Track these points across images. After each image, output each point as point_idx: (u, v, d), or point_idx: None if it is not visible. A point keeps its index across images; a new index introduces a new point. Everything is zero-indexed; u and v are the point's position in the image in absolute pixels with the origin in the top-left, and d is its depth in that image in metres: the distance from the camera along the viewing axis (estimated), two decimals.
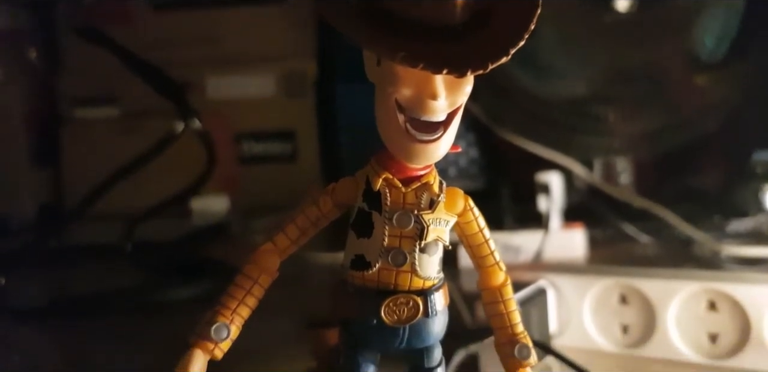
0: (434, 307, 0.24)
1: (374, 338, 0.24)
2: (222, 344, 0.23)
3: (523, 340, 0.26)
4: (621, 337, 0.52)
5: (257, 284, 0.24)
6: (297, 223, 0.25)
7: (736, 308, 0.48)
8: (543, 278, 0.53)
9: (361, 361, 0.24)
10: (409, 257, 0.23)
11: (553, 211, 0.75)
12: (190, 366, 0.22)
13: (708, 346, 0.49)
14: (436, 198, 0.24)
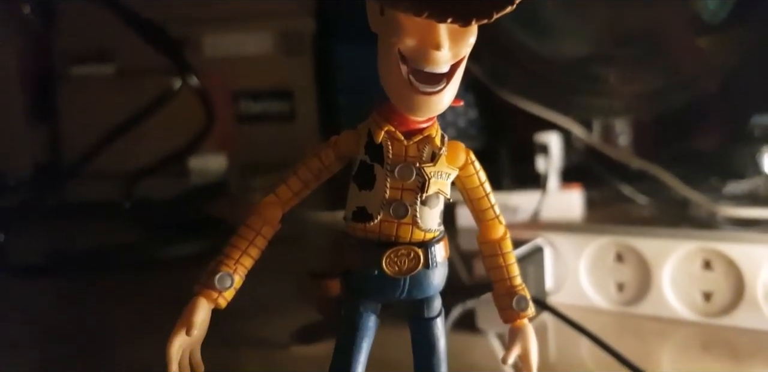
0: (435, 259, 0.24)
1: (375, 289, 0.24)
2: (226, 293, 0.23)
3: (521, 292, 0.26)
4: (616, 295, 0.53)
5: (260, 235, 0.24)
6: (299, 175, 0.25)
7: (731, 267, 0.49)
8: (540, 236, 0.54)
9: (363, 311, 0.24)
10: (410, 209, 0.23)
11: (551, 171, 0.75)
12: (195, 314, 0.22)
13: (702, 304, 0.50)
14: (438, 151, 0.24)
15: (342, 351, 0.23)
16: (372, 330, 0.24)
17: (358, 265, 0.24)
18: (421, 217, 0.24)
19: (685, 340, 0.49)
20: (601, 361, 0.45)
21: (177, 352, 0.22)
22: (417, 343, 0.25)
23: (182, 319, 0.23)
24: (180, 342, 0.22)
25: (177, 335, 0.22)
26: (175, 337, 0.22)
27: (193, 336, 0.23)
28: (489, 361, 0.47)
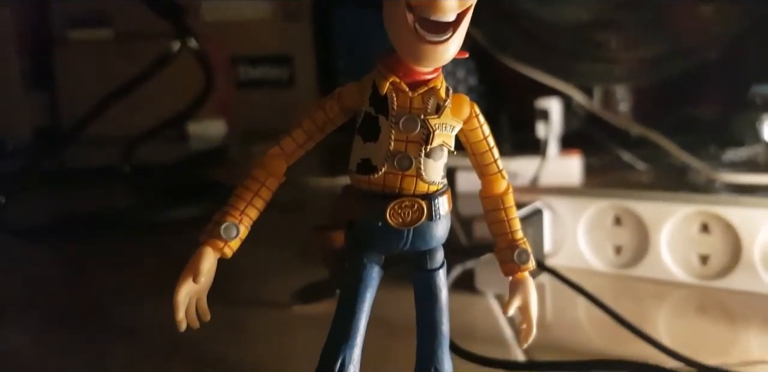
0: (438, 211, 0.24)
1: (379, 240, 0.24)
2: (231, 243, 0.23)
3: (522, 245, 0.26)
4: (614, 258, 0.53)
5: (265, 187, 0.24)
6: (304, 127, 0.25)
7: (729, 231, 0.49)
8: (539, 200, 0.54)
9: (367, 263, 0.24)
10: (414, 162, 0.24)
11: (551, 137, 0.75)
12: (201, 262, 0.23)
13: (699, 267, 0.51)
14: (443, 103, 0.24)
15: (346, 300, 0.24)
16: (375, 281, 0.24)
17: (362, 216, 0.24)
18: (425, 169, 0.24)
19: (681, 302, 0.50)
20: (598, 322, 0.46)
21: (184, 299, 0.23)
22: (419, 294, 0.25)
23: (189, 267, 0.23)
24: (187, 289, 0.23)
25: (184, 283, 0.23)
26: (182, 284, 0.23)
27: (200, 283, 0.23)
28: (487, 320, 0.47)
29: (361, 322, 0.24)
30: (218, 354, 0.44)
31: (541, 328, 0.46)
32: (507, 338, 0.44)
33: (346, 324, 0.23)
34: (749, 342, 0.44)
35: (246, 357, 0.43)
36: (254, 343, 0.45)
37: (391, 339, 0.42)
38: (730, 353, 0.42)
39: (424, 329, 0.25)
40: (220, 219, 0.23)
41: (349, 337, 0.23)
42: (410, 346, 0.26)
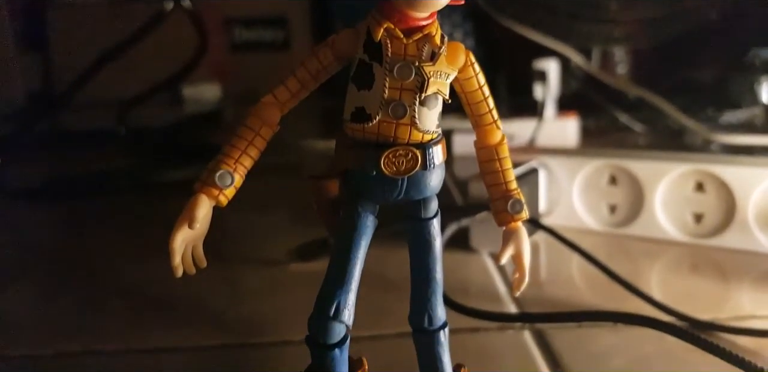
0: (432, 161, 0.24)
1: (374, 189, 0.24)
2: (226, 191, 0.23)
3: (516, 196, 0.26)
4: (608, 217, 0.54)
5: (258, 136, 0.24)
6: (297, 76, 0.24)
7: (723, 189, 0.50)
8: (535, 159, 0.54)
9: (361, 211, 0.24)
10: (409, 110, 0.23)
11: (548, 99, 0.75)
12: (196, 210, 0.23)
13: (693, 225, 0.51)
14: (438, 50, 0.23)
15: (341, 248, 0.24)
16: (370, 229, 0.24)
17: (357, 165, 0.24)
18: (420, 117, 0.23)
19: (674, 260, 0.50)
20: (592, 280, 0.46)
21: (180, 245, 0.23)
22: (413, 243, 0.25)
23: (184, 214, 0.23)
24: (183, 236, 0.23)
25: (180, 229, 0.23)
26: (178, 231, 0.23)
27: (196, 230, 0.23)
28: (482, 277, 0.48)
29: (355, 268, 0.24)
30: (216, 310, 0.44)
31: (535, 285, 0.46)
32: (501, 294, 0.45)
33: (341, 270, 0.23)
34: (741, 298, 0.44)
35: (243, 313, 0.44)
36: (251, 299, 0.46)
37: (385, 295, 0.42)
38: (722, 309, 0.42)
39: (418, 277, 0.25)
40: (215, 167, 0.23)
41: (344, 283, 0.23)
42: (404, 301, 0.26)
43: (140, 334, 0.41)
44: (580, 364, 0.36)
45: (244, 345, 0.40)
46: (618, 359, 0.37)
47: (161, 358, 0.38)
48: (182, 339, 0.40)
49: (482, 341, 0.39)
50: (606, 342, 0.38)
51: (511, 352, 0.38)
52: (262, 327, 0.41)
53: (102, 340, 0.40)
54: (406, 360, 0.27)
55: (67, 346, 0.40)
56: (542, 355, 0.37)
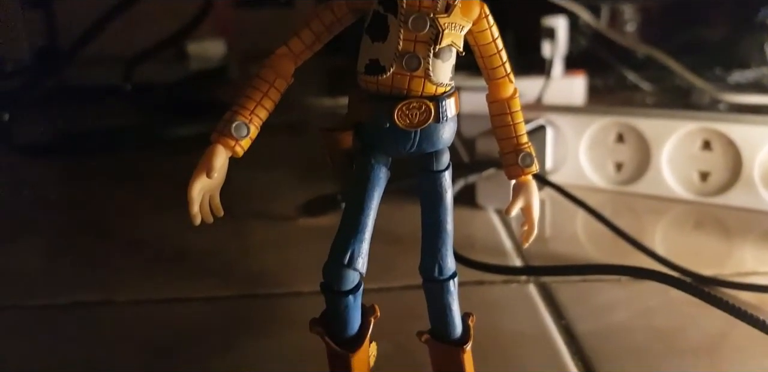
0: (445, 113, 0.24)
1: (387, 142, 0.24)
2: (242, 142, 0.23)
3: (527, 149, 0.27)
4: (614, 174, 0.54)
5: (273, 87, 0.24)
6: (312, 27, 0.24)
7: (730, 147, 0.50)
8: (543, 117, 0.54)
9: (374, 164, 0.25)
10: (423, 62, 0.23)
11: (556, 57, 0.74)
12: (214, 159, 0.23)
13: (698, 183, 0.51)
14: (453, 2, 0.23)
15: (355, 199, 0.24)
16: (383, 181, 0.25)
17: (370, 118, 0.24)
18: (434, 70, 0.24)
19: (678, 217, 0.51)
20: (597, 236, 0.47)
21: (198, 194, 0.23)
22: (425, 196, 0.25)
23: (202, 163, 0.23)
24: (201, 185, 0.23)
25: (197, 178, 0.23)
26: (196, 180, 0.23)
27: (213, 180, 0.23)
28: (488, 233, 0.48)
29: (369, 218, 0.24)
30: (226, 263, 0.45)
31: (540, 241, 0.47)
32: (506, 249, 0.46)
33: (355, 220, 0.24)
34: (744, 255, 0.45)
35: (253, 266, 0.44)
36: (261, 253, 0.46)
37: (392, 249, 0.43)
38: (724, 265, 0.43)
39: (429, 228, 0.25)
40: (231, 118, 0.23)
41: (358, 232, 0.24)
42: (410, 255, 0.27)
43: (153, 286, 0.42)
44: (584, 317, 0.37)
45: (256, 295, 0.40)
46: (621, 312, 0.37)
47: (174, 308, 0.39)
48: (194, 290, 0.41)
49: (488, 294, 0.40)
50: (610, 296, 0.39)
51: (516, 305, 0.38)
52: (273, 279, 0.42)
53: (115, 290, 0.41)
54: (414, 311, 0.28)
55: (82, 296, 0.41)
56: (547, 308, 0.38)
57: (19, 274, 0.45)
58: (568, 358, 0.33)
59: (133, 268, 0.45)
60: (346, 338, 0.25)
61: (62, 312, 0.39)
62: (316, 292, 0.25)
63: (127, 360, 0.34)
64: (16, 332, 0.37)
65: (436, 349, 0.26)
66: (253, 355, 0.34)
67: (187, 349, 0.35)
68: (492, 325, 0.35)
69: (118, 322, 0.38)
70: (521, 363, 0.33)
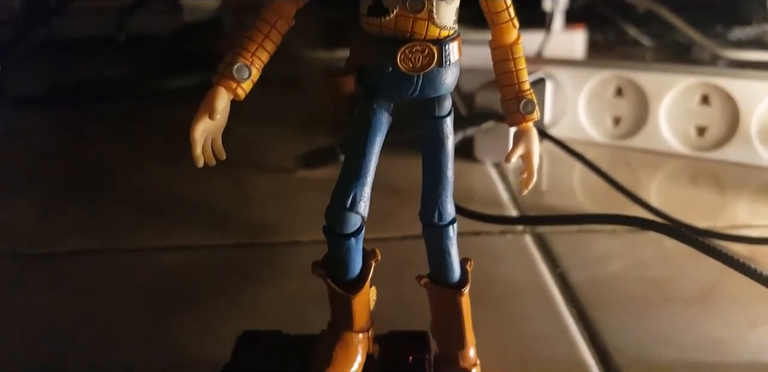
0: (449, 57, 0.24)
1: (389, 86, 0.24)
2: (244, 84, 0.23)
3: (529, 96, 0.27)
4: (612, 129, 0.54)
5: (275, 29, 0.24)
6: None
7: (728, 102, 0.50)
8: (542, 70, 0.54)
9: (376, 109, 0.24)
10: (426, 4, 0.23)
11: (556, 11, 0.73)
12: (216, 101, 0.23)
13: (695, 138, 0.51)
14: None
15: (357, 144, 0.24)
16: (385, 126, 0.25)
17: (372, 61, 0.24)
18: (438, 12, 0.23)
19: (674, 171, 0.51)
20: (593, 189, 0.47)
21: (200, 136, 0.23)
22: (426, 141, 0.25)
23: (204, 105, 0.23)
24: (203, 127, 0.23)
25: (200, 120, 0.23)
26: (199, 121, 0.23)
27: (215, 122, 0.23)
28: (485, 186, 0.48)
29: (371, 163, 0.24)
30: (225, 213, 0.45)
31: (537, 194, 0.47)
32: (503, 202, 0.46)
33: (356, 164, 0.24)
34: (737, 209, 0.45)
35: (252, 216, 0.45)
36: (260, 203, 0.47)
37: (390, 201, 0.43)
38: (718, 218, 0.43)
39: (429, 175, 0.25)
40: (232, 60, 0.23)
41: (360, 176, 0.24)
42: (408, 207, 0.27)
43: (152, 234, 0.42)
44: (579, 267, 0.37)
45: (255, 244, 0.41)
46: (616, 262, 0.38)
47: (174, 256, 0.40)
48: (194, 239, 0.41)
49: (484, 245, 0.40)
50: (604, 246, 0.40)
51: (513, 255, 0.39)
52: (272, 228, 0.43)
53: (115, 239, 0.42)
54: (412, 260, 0.28)
55: (82, 244, 0.41)
56: (542, 258, 0.38)
57: (17, 224, 0.45)
58: (562, 305, 0.34)
59: (131, 218, 0.45)
60: (348, 281, 0.25)
61: (63, 260, 0.40)
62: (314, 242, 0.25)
63: (128, 307, 0.34)
64: (17, 281, 0.38)
65: (435, 293, 0.26)
66: (253, 301, 0.34)
67: (187, 297, 0.35)
68: (488, 274, 0.36)
69: (119, 269, 0.38)
70: (517, 310, 0.33)
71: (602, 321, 0.32)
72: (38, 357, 0.31)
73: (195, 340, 0.31)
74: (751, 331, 0.31)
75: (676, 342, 0.31)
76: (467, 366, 0.26)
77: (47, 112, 0.69)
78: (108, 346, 0.31)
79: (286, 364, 0.26)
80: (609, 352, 0.30)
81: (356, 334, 0.26)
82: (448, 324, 0.26)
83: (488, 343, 0.27)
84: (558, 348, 0.30)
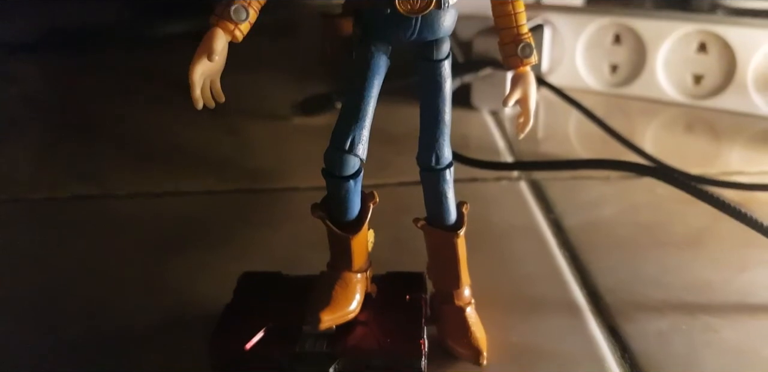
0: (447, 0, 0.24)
1: (387, 28, 0.24)
2: (242, 26, 0.23)
3: (527, 39, 0.27)
4: (609, 76, 0.54)
5: None
6: None
7: (726, 50, 0.50)
8: (540, 17, 0.53)
9: (374, 51, 0.24)
10: None
11: None
12: (214, 42, 0.23)
13: (692, 86, 0.52)
14: None
15: (355, 87, 0.24)
16: (383, 69, 0.25)
17: (371, 3, 0.24)
18: None
19: (670, 119, 0.51)
20: (588, 136, 0.48)
21: (199, 78, 0.23)
22: (424, 85, 0.25)
23: (202, 46, 0.23)
24: (202, 68, 0.23)
25: (198, 61, 0.23)
26: (197, 63, 0.23)
27: (214, 63, 0.23)
28: (482, 133, 0.49)
29: (369, 105, 0.24)
30: (222, 159, 0.46)
31: (532, 142, 0.48)
32: (500, 149, 0.46)
33: (355, 107, 0.24)
34: (731, 156, 0.46)
35: (249, 162, 0.45)
36: (257, 150, 0.47)
37: (386, 148, 0.44)
38: (712, 165, 0.44)
39: (427, 119, 0.26)
40: (230, 1, 0.23)
41: (359, 119, 0.24)
42: (404, 154, 0.27)
43: (149, 180, 0.42)
44: (573, 212, 0.38)
45: (253, 190, 0.41)
46: (608, 208, 0.39)
47: (172, 201, 0.40)
48: (191, 184, 0.42)
49: (480, 191, 0.41)
50: (598, 192, 0.40)
51: (508, 201, 0.40)
52: (269, 175, 0.43)
53: (112, 185, 0.42)
54: (409, 206, 0.28)
55: (80, 190, 0.42)
56: (537, 203, 0.39)
57: (15, 170, 0.45)
58: (555, 248, 0.34)
59: (128, 164, 0.45)
60: (347, 222, 0.25)
61: (62, 205, 0.40)
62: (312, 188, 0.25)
63: (129, 250, 0.35)
64: (17, 225, 0.38)
65: (432, 235, 0.27)
66: (253, 245, 0.35)
67: (187, 241, 0.36)
68: (484, 219, 0.36)
69: (118, 214, 0.39)
70: (511, 252, 0.34)
71: (594, 263, 0.33)
72: (41, 299, 0.31)
73: (197, 281, 0.32)
74: (739, 274, 0.32)
75: (665, 283, 0.31)
76: (462, 304, 0.27)
77: (39, 58, 0.68)
78: (110, 287, 0.32)
79: (287, 303, 0.27)
80: (600, 292, 0.31)
81: (355, 274, 0.26)
82: (444, 264, 0.27)
83: (483, 284, 0.28)
84: (550, 288, 0.31)
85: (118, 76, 0.64)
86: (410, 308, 0.27)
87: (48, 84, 0.64)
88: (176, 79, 0.24)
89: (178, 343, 0.27)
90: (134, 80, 0.62)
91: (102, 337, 0.28)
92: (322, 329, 0.25)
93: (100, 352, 0.27)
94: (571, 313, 0.29)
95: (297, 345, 0.25)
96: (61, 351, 0.28)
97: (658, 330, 0.28)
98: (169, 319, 0.29)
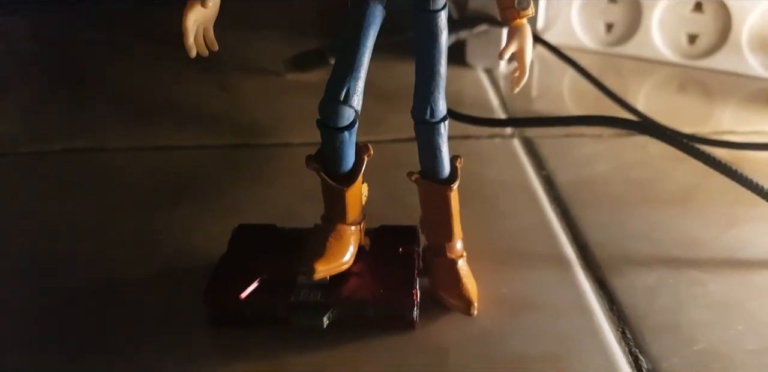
0: None
1: None
2: None
3: None
4: (604, 35, 0.54)
5: None
6: None
7: (721, 10, 0.49)
8: None
9: (370, 2, 0.24)
10: None
11: None
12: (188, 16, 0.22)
13: (686, 46, 0.51)
14: None
15: (351, 38, 0.24)
16: (378, 19, 0.25)
17: None
18: None
19: (663, 79, 0.51)
20: (582, 95, 0.48)
21: (192, 25, 0.23)
22: (420, 36, 0.25)
23: None
24: (195, 16, 0.23)
25: (192, 8, 0.23)
26: (190, 10, 0.23)
27: (207, 10, 0.23)
28: (476, 90, 0.49)
29: (365, 56, 0.24)
30: (215, 115, 0.45)
31: (526, 100, 0.48)
32: (494, 107, 0.46)
33: (351, 58, 0.24)
34: (723, 116, 0.46)
35: (242, 118, 0.45)
36: (250, 106, 0.47)
37: (380, 105, 0.43)
38: (704, 124, 0.44)
39: (422, 71, 0.26)
40: None
41: (354, 70, 0.24)
42: (397, 111, 0.27)
43: (142, 134, 0.42)
44: (565, 169, 0.38)
45: (247, 145, 0.41)
46: (600, 165, 0.39)
47: (166, 155, 0.40)
48: (185, 139, 0.42)
49: (473, 148, 0.41)
50: (590, 150, 0.40)
51: (500, 157, 0.40)
52: (263, 130, 0.43)
53: (105, 138, 0.42)
54: (402, 162, 0.28)
55: (73, 143, 0.41)
56: (529, 160, 0.39)
57: (5, 124, 0.45)
58: (546, 204, 0.35)
59: (120, 119, 0.45)
60: (341, 174, 0.26)
61: (54, 158, 0.40)
62: (306, 144, 0.25)
63: (122, 204, 0.35)
64: (9, 178, 0.38)
65: (425, 189, 0.27)
66: (247, 198, 0.35)
67: (180, 194, 0.36)
68: (476, 175, 0.37)
69: (110, 168, 0.39)
70: (503, 207, 0.34)
71: (584, 219, 0.33)
72: (34, 250, 0.31)
73: (191, 233, 0.32)
74: (728, 231, 0.33)
75: (654, 239, 0.32)
76: (454, 257, 0.27)
77: (28, 14, 0.67)
78: (104, 239, 0.32)
79: (281, 254, 0.27)
80: (590, 247, 0.31)
81: (349, 226, 0.26)
82: (436, 217, 0.27)
83: (475, 237, 0.29)
84: (541, 243, 0.31)
85: (110, 30, 0.63)
86: (403, 260, 0.27)
87: (37, 39, 0.63)
88: (169, 34, 0.24)
89: (175, 294, 0.28)
90: (126, 35, 0.61)
91: (99, 288, 0.29)
92: (316, 279, 0.25)
93: (98, 302, 0.28)
94: (561, 267, 0.30)
95: (291, 295, 0.25)
96: (61, 302, 0.28)
97: (646, 284, 0.29)
98: (165, 271, 0.29)
